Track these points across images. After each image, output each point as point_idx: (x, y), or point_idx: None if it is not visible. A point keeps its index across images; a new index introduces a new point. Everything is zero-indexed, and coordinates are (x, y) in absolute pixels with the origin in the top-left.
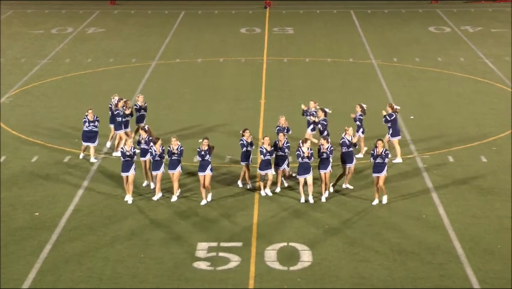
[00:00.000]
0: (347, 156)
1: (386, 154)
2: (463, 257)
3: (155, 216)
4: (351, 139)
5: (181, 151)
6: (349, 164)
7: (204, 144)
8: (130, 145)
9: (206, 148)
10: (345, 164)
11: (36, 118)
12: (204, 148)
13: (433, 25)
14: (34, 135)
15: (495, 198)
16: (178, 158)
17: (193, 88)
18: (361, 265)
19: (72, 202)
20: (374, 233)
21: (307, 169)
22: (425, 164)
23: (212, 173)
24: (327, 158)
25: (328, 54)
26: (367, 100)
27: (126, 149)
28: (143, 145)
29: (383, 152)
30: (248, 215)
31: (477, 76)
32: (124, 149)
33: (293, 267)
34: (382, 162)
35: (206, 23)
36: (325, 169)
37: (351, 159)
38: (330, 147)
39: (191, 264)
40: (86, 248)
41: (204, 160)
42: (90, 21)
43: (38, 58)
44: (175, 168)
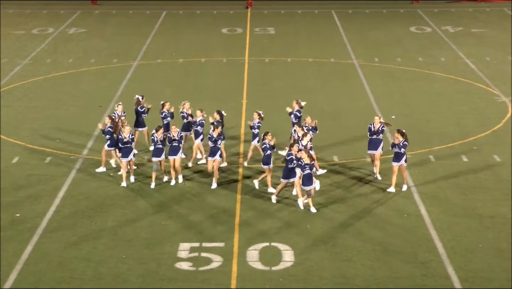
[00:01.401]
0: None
1: (382, 130)
2: (444, 256)
3: (138, 217)
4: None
5: (180, 137)
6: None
7: (216, 131)
8: (128, 132)
9: (217, 134)
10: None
11: (17, 119)
12: (215, 134)
13: (414, 25)
14: (15, 136)
15: (476, 197)
16: (178, 144)
17: (175, 88)
18: (344, 265)
19: (53, 202)
20: (357, 232)
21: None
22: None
23: (220, 159)
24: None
25: (310, 54)
26: (349, 100)
27: (124, 136)
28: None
29: (380, 128)
30: (230, 215)
31: (458, 76)
32: (122, 136)
33: (276, 267)
34: (399, 152)
35: (188, 23)
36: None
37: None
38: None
39: (173, 264)
40: (68, 248)
41: (216, 145)
42: (71, 22)
43: (19, 58)
44: (176, 154)
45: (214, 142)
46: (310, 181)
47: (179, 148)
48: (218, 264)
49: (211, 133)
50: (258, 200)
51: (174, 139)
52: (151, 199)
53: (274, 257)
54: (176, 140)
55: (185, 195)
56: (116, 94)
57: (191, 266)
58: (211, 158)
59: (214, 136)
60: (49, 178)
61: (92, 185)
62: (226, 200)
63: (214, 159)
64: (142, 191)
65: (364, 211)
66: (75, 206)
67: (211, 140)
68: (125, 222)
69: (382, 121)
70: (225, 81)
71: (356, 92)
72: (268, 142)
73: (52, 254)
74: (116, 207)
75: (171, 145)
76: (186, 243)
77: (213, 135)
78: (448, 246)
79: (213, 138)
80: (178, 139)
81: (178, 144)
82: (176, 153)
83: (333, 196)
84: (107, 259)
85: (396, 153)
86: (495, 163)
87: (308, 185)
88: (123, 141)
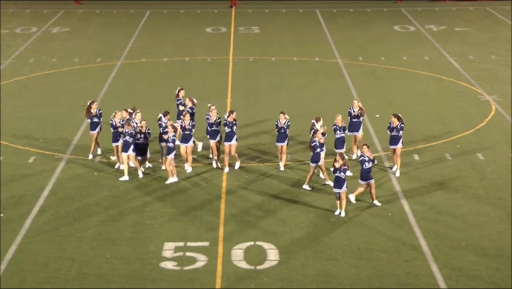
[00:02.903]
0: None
1: (402, 127)
2: (428, 254)
3: (122, 216)
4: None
5: (193, 125)
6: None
7: (231, 116)
8: (119, 117)
9: (232, 119)
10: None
11: (0, 119)
12: (231, 119)
13: (398, 24)
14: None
15: (459, 196)
16: (190, 132)
17: (159, 88)
18: (328, 264)
19: (37, 202)
20: (341, 231)
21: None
22: (391, 162)
23: (237, 143)
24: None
25: (294, 53)
26: (333, 99)
27: (115, 121)
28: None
29: (398, 126)
30: (215, 214)
31: (441, 74)
32: (113, 121)
33: (260, 266)
34: (397, 135)
35: (172, 22)
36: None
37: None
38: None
39: (157, 264)
40: (52, 248)
41: (232, 130)
42: (54, 21)
43: (2, 58)
44: (188, 142)
45: (230, 128)
46: (338, 184)
47: (190, 136)
48: (203, 263)
49: (226, 119)
50: (243, 199)
51: (186, 128)
52: (136, 198)
53: (259, 256)
54: (188, 129)
55: (170, 194)
56: (100, 94)
57: (175, 265)
58: (228, 143)
59: (229, 122)
60: (33, 178)
61: (76, 184)
62: (211, 199)
63: (230, 143)
64: (126, 191)
65: (348, 210)
66: (59, 206)
67: (226, 125)
68: (109, 222)
69: (360, 106)
70: (210, 80)
71: (341, 91)
72: (318, 140)
73: (36, 254)
74: (100, 206)
75: (183, 133)
76: (170, 243)
77: (228, 120)
78: (432, 244)
79: (228, 123)
80: (190, 128)
81: (190, 132)
82: (188, 141)
83: (318, 194)
84: (91, 259)
85: (392, 136)
86: (479, 161)
87: (335, 188)
88: (183, 128)
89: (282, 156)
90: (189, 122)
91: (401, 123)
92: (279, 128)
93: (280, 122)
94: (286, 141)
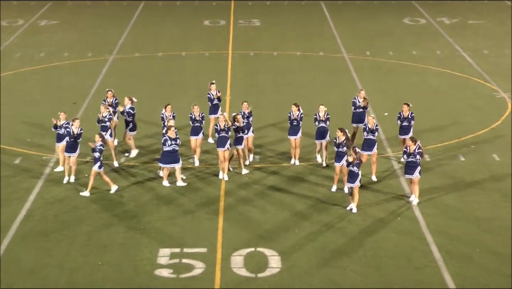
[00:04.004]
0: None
1: (413, 116)
2: (440, 261)
3: (113, 220)
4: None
5: (202, 116)
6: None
7: (245, 107)
8: (105, 111)
9: (248, 111)
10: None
11: None
12: (246, 110)
13: (408, 16)
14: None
15: (473, 199)
16: (200, 124)
17: (153, 84)
18: (333, 271)
19: (24, 206)
20: (347, 237)
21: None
22: (400, 164)
23: (253, 134)
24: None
25: (297, 48)
26: (339, 96)
27: (103, 115)
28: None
29: (415, 150)
30: (213, 218)
31: (454, 70)
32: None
33: (261, 274)
34: (408, 125)
35: (167, 15)
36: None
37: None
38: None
39: (152, 271)
40: (40, 255)
41: (248, 122)
42: (42, 13)
43: None
44: (198, 134)
45: (246, 119)
46: (352, 178)
47: (200, 128)
48: (201, 270)
49: (243, 110)
50: (243, 203)
51: (196, 119)
52: (129, 201)
53: (260, 263)
54: (198, 120)
55: (165, 197)
56: (91, 91)
57: (171, 273)
58: (245, 135)
59: (245, 113)
60: (19, 180)
61: (66, 187)
62: (208, 202)
63: (248, 136)
64: (118, 193)
65: (354, 214)
66: (47, 210)
67: (243, 117)
68: (100, 226)
69: (366, 97)
70: (207, 76)
71: (346, 87)
72: (339, 137)
73: (23, 260)
74: (90, 210)
75: (193, 125)
76: (166, 249)
77: (245, 112)
78: (444, 251)
79: (245, 115)
80: (200, 120)
81: (200, 125)
82: (198, 134)
83: (322, 197)
84: (82, 266)
85: (403, 127)
86: (494, 162)
87: (349, 182)
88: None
89: (296, 150)
90: (199, 114)
91: (411, 113)
92: (291, 121)
93: (293, 114)
94: (299, 134)
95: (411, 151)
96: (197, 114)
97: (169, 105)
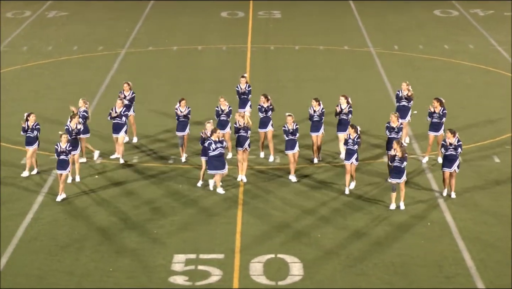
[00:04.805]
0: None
1: (444, 113)
2: (473, 269)
3: (126, 224)
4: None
5: (230, 110)
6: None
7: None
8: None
9: (267, 105)
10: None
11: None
12: (265, 104)
13: (439, 8)
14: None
15: (508, 203)
16: (226, 118)
17: (168, 80)
18: (358, 280)
19: (31, 209)
20: (373, 243)
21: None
22: (430, 165)
23: (273, 129)
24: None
25: (320, 41)
26: (365, 93)
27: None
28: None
29: (441, 111)
30: (230, 222)
31: (489, 65)
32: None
33: (282, 282)
34: (439, 121)
35: (183, 6)
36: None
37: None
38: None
39: (166, 278)
40: (48, 261)
41: (266, 115)
42: (50, 4)
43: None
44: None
45: (264, 113)
46: (398, 173)
47: (227, 122)
48: (217, 278)
49: (261, 104)
50: (262, 206)
51: (225, 113)
52: (141, 204)
53: (281, 271)
54: (226, 114)
55: (180, 200)
56: (101, 86)
57: (186, 280)
58: (263, 130)
59: (264, 107)
60: (25, 181)
61: (74, 188)
62: (226, 206)
63: (267, 130)
64: (131, 195)
65: (381, 218)
66: (55, 212)
67: (261, 111)
68: (112, 231)
69: (409, 89)
70: (225, 71)
71: (373, 83)
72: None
73: (30, 266)
74: (101, 213)
75: (220, 119)
76: (181, 255)
77: (263, 105)
78: (477, 258)
79: (263, 108)
80: (228, 113)
81: (226, 118)
82: (225, 128)
83: (347, 200)
84: (92, 272)
85: (433, 123)
86: None
87: (393, 178)
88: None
89: (317, 147)
90: (228, 107)
91: (443, 109)
92: (311, 117)
93: (313, 109)
94: (321, 131)
95: (437, 110)
96: (225, 107)
97: (184, 100)
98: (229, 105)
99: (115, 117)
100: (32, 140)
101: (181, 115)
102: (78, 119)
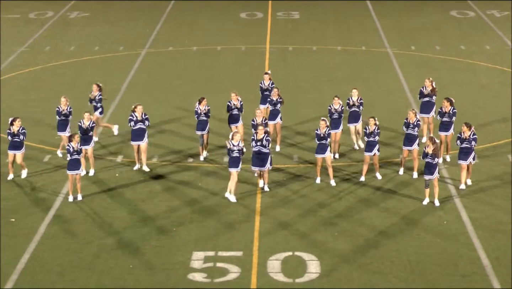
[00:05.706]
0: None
1: (454, 112)
2: (489, 268)
3: (146, 222)
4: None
5: (241, 105)
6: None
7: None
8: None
9: (276, 97)
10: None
11: (11, 113)
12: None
13: (455, 9)
14: None
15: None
16: (238, 112)
17: (187, 80)
18: (374, 277)
19: (53, 206)
20: (389, 241)
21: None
22: (446, 164)
23: (281, 122)
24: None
25: (338, 42)
26: (382, 93)
27: (84, 124)
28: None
29: (470, 136)
30: (249, 220)
31: (505, 66)
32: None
33: (299, 279)
34: (449, 121)
35: (202, 7)
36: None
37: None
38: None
39: (185, 275)
40: (68, 257)
41: (275, 108)
42: (72, 4)
43: (14, 46)
44: (237, 122)
45: (273, 106)
46: (429, 170)
47: (238, 116)
48: (236, 275)
49: (271, 97)
50: (280, 204)
51: (237, 107)
52: (161, 202)
53: (298, 268)
54: (238, 108)
55: (199, 198)
56: (122, 86)
57: (205, 277)
58: (272, 122)
59: (274, 100)
60: (47, 179)
61: (96, 186)
62: (244, 204)
63: (275, 122)
64: (151, 193)
65: (397, 216)
66: (76, 210)
67: (271, 103)
68: (132, 228)
69: (433, 85)
70: (243, 72)
71: (390, 84)
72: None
73: (51, 263)
74: (122, 211)
75: (232, 113)
76: (199, 252)
77: (273, 98)
78: (493, 257)
79: (273, 101)
80: (239, 108)
81: (238, 113)
82: (237, 121)
83: (363, 198)
84: (112, 269)
85: (443, 122)
86: None
87: (426, 174)
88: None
89: (336, 144)
90: (239, 101)
91: (453, 108)
92: (331, 114)
93: (333, 107)
94: (340, 128)
95: (447, 110)
96: (236, 102)
97: (204, 99)
98: (241, 100)
99: (139, 121)
100: (19, 144)
101: (201, 114)
102: (89, 116)
